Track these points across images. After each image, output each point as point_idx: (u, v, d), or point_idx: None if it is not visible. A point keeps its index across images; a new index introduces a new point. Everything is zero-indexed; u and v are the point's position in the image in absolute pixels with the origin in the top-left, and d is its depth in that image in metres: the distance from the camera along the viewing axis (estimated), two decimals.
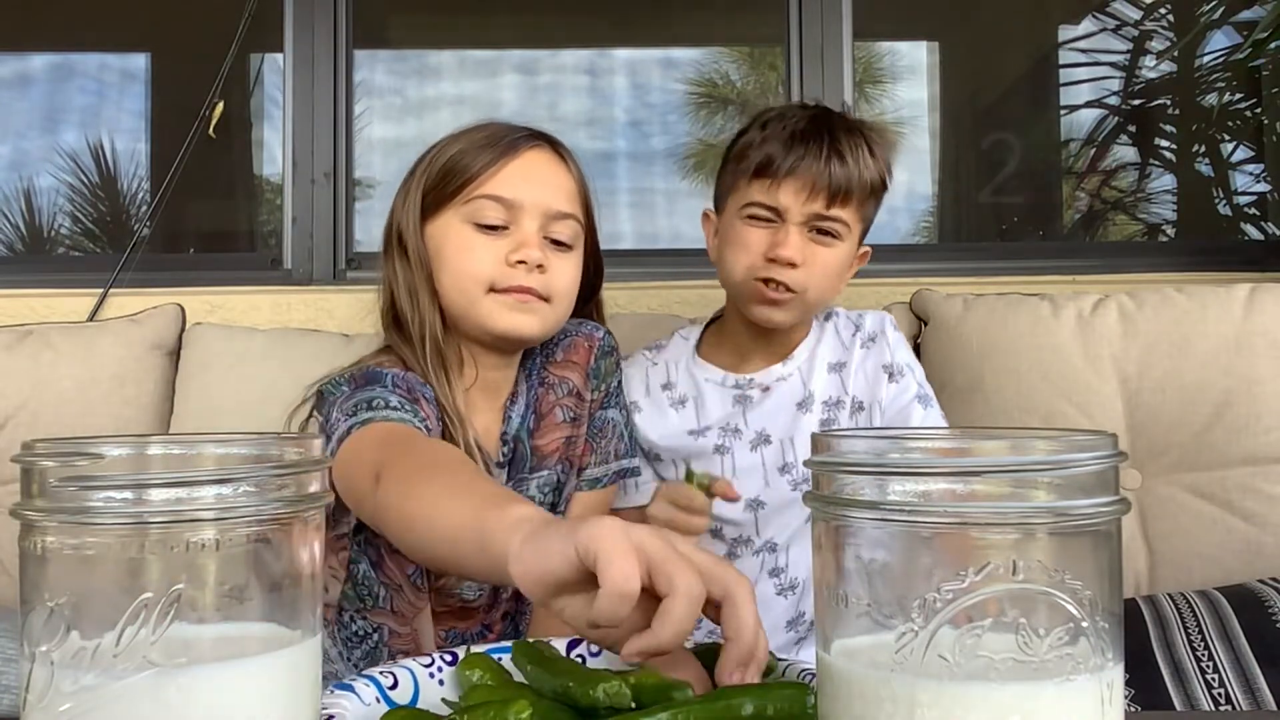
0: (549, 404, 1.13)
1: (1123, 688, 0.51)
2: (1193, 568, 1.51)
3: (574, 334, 1.17)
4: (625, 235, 2.36)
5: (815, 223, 1.21)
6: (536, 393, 1.14)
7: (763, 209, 1.21)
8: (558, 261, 1.06)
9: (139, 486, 0.48)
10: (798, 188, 1.19)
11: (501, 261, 1.03)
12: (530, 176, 1.05)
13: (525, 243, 1.03)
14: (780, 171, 1.19)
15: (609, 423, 1.19)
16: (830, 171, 1.18)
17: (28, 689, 0.48)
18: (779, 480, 1.31)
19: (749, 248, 1.22)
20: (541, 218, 1.04)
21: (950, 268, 2.01)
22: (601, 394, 1.18)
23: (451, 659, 0.70)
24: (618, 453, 1.20)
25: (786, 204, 1.20)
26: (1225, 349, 1.56)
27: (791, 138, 1.19)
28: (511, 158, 1.04)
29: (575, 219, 1.07)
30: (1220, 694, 1.18)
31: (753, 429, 1.31)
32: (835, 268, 1.25)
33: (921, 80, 2.51)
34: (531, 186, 1.04)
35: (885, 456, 0.52)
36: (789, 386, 1.32)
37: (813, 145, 1.18)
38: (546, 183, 1.06)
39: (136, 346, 1.71)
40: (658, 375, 1.36)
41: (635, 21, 2.41)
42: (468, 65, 2.40)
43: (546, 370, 1.15)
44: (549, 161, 1.07)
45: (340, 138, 2.08)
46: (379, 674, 0.66)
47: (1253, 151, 2.34)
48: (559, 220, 1.06)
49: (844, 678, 0.52)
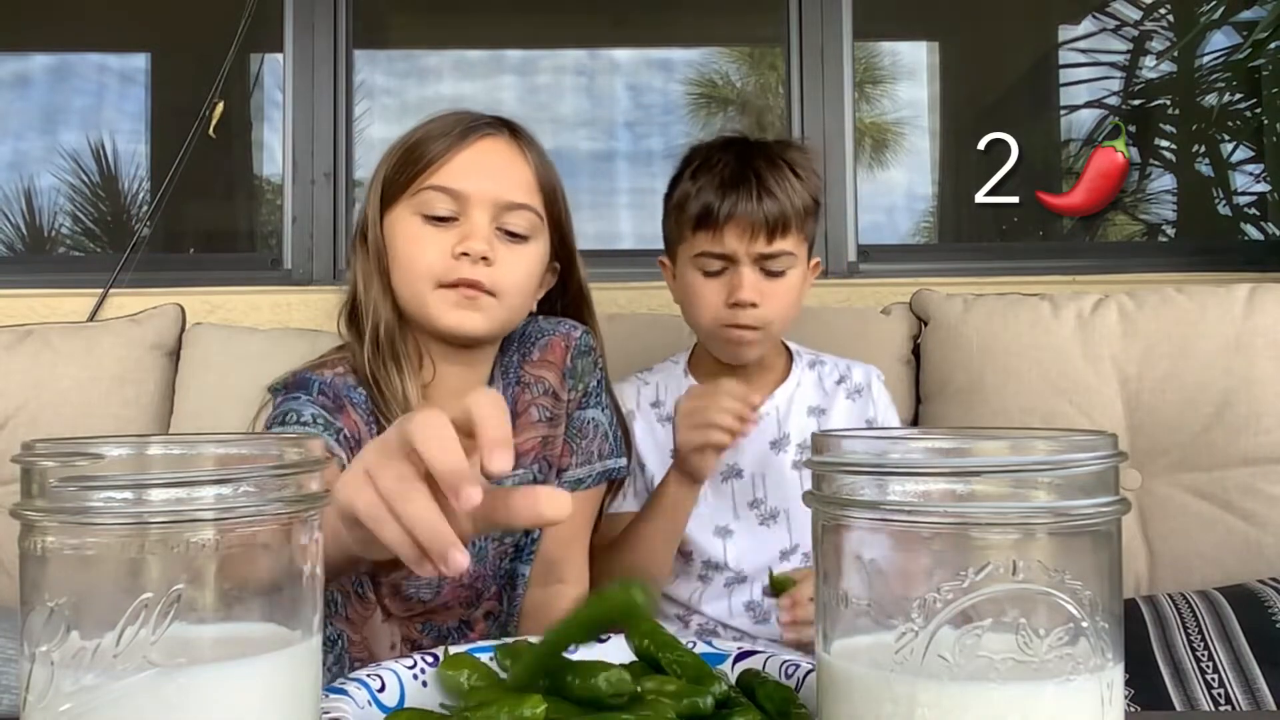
0: (525, 403, 1.10)
1: (1123, 688, 0.51)
2: (1193, 568, 1.51)
3: (551, 333, 1.13)
4: (625, 235, 2.36)
5: (763, 262, 1.25)
6: (512, 392, 1.10)
7: (712, 258, 1.25)
8: (508, 254, 1.02)
9: (139, 486, 0.48)
10: (739, 232, 1.23)
11: (447, 254, 1.00)
12: (481, 166, 1.01)
13: (471, 235, 0.99)
14: (719, 219, 1.23)
15: (590, 423, 1.14)
16: (764, 210, 1.22)
17: (28, 689, 0.48)
18: (748, 513, 1.35)
19: (709, 298, 1.26)
20: (492, 209, 1.01)
21: (950, 268, 2.01)
22: (580, 393, 1.14)
23: (433, 660, 0.71)
24: (601, 453, 1.15)
25: (733, 248, 1.24)
26: (1225, 349, 1.56)
27: (722, 185, 1.24)
28: (461, 148, 1.01)
29: (532, 210, 1.03)
30: (1220, 694, 1.18)
31: (724, 460, 1.33)
32: (792, 295, 1.29)
33: (921, 80, 2.50)
34: (482, 177, 1.01)
35: (885, 456, 0.52)
36: (765, 425, 1.34)
37: (743, 188, 1.23)
38: (499, 173, 1.02)
39: (136, 346, 1.71)
40: (648, 394, 1.40)
41: (635, 21, 2.41)
42: (468, 65, 2.40)
43: (523, 369, 1.11)
44: (504, 150, 1.03)
45: (340, 138, 2.08)
46: (367, 677, 0.66)
47: (1253, 151, 2.34)
48: (512, 211, 1.02)
49: (844, 678, 0.52)
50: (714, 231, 1.24)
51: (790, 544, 1.34)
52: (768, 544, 1.34)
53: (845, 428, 1.35)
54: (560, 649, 0.62)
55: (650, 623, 0.73)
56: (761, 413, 1.32)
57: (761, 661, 0.72)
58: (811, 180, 1.28)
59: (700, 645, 0.73)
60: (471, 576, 1.08)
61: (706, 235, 1.25)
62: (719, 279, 1.26)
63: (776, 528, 1.34)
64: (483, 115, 1.05)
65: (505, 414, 0.57)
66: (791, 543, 1.34)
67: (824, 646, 0.53)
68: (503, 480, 1.01)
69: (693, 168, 1.29)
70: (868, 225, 2.20)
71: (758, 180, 1.23)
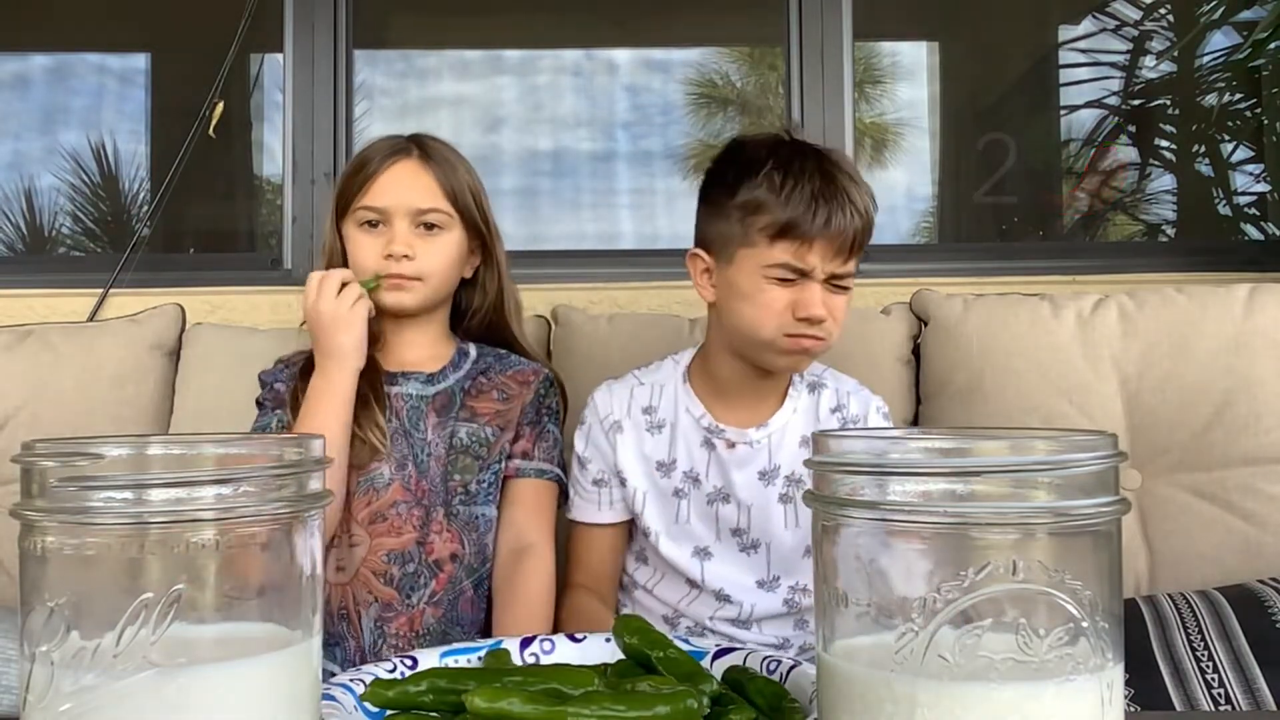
0: (490, 387, 1.38)
1: (1123, 688, 0.51)
2: (1193, 568, 1.51)
3: (525, 366, 1.41)
4: (625, 235, 2.36)
5: (832, 278, 1.23)
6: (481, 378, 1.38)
7: (788, 270, 1.22)
8: (426, 245, 1.32)
9: (139, 486, 0.48)
10: (827, 248, 1.21)
11: (379, 255, 1.32)
12: (395, 185, 1.33)
13: (394, 239, 1.31)
14: (811, 234, 1.20)
15: (552, 434, 1.39)
16: (852, 227, 1.21)
17: (28, 689, 0.48)
18: (730, 540, 1.32)
19: (776, 307, 1.23)
20: (409, 216, 1.32)
21: (950, 268, 2.01)
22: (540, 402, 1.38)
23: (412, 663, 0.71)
24: (553, 460, 1.38)
25: (814, 264, 1.21)
26: (1225, 349, 1.56)
27: (814, 197, 1.21)
28: (380, 172, 1.33)
29: (439, 210, 1.33)
30: (1220, 694, 1.18)
31: (712, 483, 1.32)
32: (847, 308, 1.28)
33: (921, 80, 2.50)
34: (396, 193, 1.32)
35: (885, 456, 0.52)
36: (756, 454, 1.31)
37: (835, 204, 1.21)
38: (409, 187, 1.33)
39: (136, 346, 1.71)
40: (641, 397, 1.37)
41: (635, 21, 2.41)
42: (467, 65, 2.40)
43: (496, 375, 1.39)
44: (412, 169, 1.34)
45: (340, 138, 2.08)
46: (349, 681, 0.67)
47: (1253, 151, 2.34)
48: (424, 214, 1.33)
49: (844, 678, 0.52)
50: (800, 244, 1.20)
51: (769, 575, 1.32)
52: (745, 572, 1.32)
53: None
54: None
55: (640, 620, 0.74)
56: (754, 440, 1.31)
57: (742, 658, 0.72)
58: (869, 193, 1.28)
59: (678, 643, 0.73)
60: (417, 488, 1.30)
61: (790, 246, 1.21)
62: (789, 288, 1.22)
63: (756, 558, 1.31)
64: (400, 141, 1.36)
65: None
66: (770, 574, 1.31)
67: (824, 646, 0.53)
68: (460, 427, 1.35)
69: (768, 173, 1.23)
70: None
71: (848, 198, 1.21)
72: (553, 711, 0.57)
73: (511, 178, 2.33)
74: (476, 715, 0.58)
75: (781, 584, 1.31)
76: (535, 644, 0.77)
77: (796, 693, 0.66)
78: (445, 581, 1.27)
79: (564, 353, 1.70)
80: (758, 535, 1.31)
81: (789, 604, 1.31)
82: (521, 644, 0.76)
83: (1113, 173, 2.44)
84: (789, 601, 1.31)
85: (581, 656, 0.75)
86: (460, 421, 1.34)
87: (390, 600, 1.26)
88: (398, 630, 1.26)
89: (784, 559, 1.31)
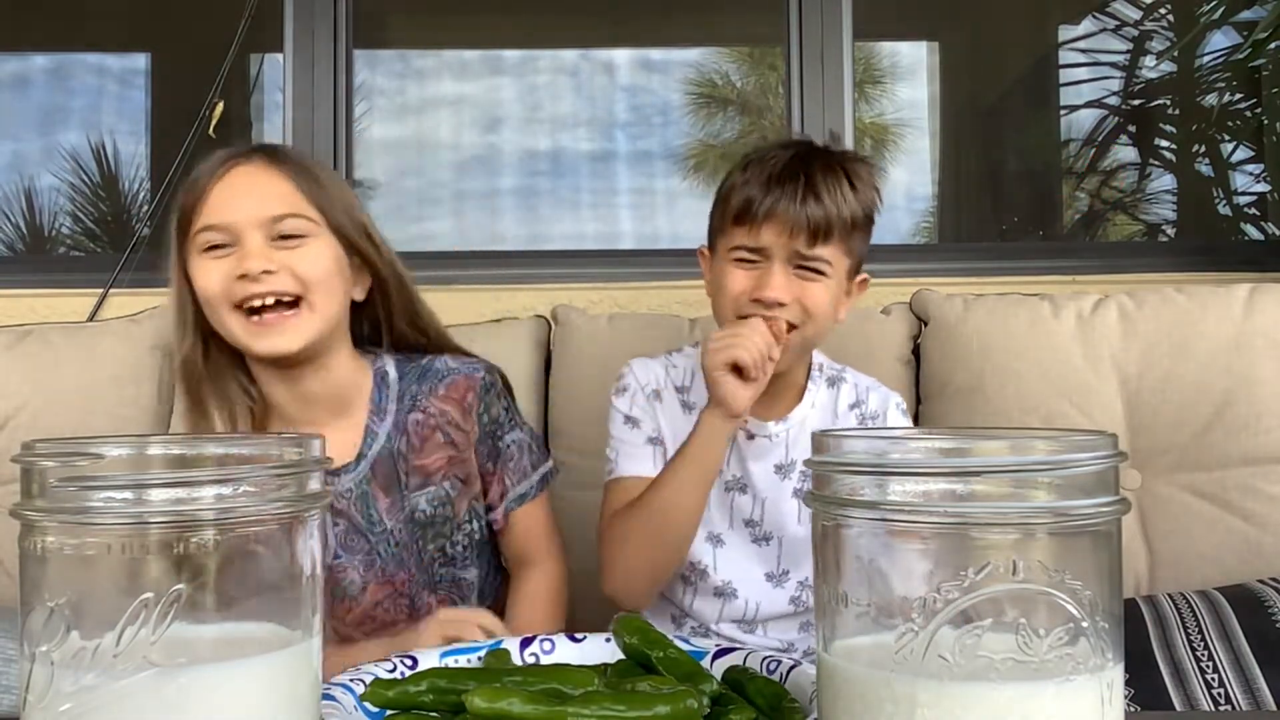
0: (429, 428, 1.19)
1: (1123, 688, 0.51)
2: (1193, 568, 1.51)
3: (456, 372, 1.22)
4: (625, 235, 2.36)
5: (799, 261, 1.22)
6: (413, 417, 1.19)
7: (747, 251, 1.23)
8: (290, 256, 1.09)
9: (139, 486, 0.48)
10: (777, 229, 1.20)
11: (230, 278, 1.08)
12: (237, 194, 1.10)
13: (246, 256, 1.07)
14: (759, 214, 1.20)
15: (514, 445, 1.26)
16: (807, 211, 1.19)
17: (28, 689, 0.48)
18: (742, 529, 1.32)
19: (734, 289, 1.23)
20: (261, 228, 1.09)
21: (950, 268, 2.00)
22: (487, 424, 1.23)
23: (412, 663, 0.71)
24: (534, 464, 1.28)
25: (768, 244, 1.21)
26: (1225, 349, 1.56)
27: (769, 180, 1.21)
28: (214, 181, 1.10)
29: (299, 215, 1.10)
30: (1220, 694, 1.18)
31: (731, 471, 1.31)
32: (823, 300, 1.24)
33: (921, 80, 2.51)
34: (240, 203, 1.09)
35: (885, 456, 0.52)
36: (774, 447, 1.31)
37: (789, 186, 1.20)
38: (256, 194, 1.10)
39: (136, 346, 1.71)
40: (675, 376, 1.36)
41: (635, 21, 2.41)
42: (467, 65, 2.40)
43: (428, 400, 1.20)
44: (257, 172, 1.11)
45: (340, 138, 2.08)
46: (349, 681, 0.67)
47: (1253, 151, 2.34)
48: (280, 221, 1.09)
49: (844, 678, 0.52)
50: (751, 226, 1.21)
51: (779, 569, 1.31)
52: (756, 564, 1.31)
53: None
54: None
55: (640, 620, 0.74)
56: (773, 434, 1.30)
57: (741, 658, 0.72)
58: (866, 193, 1.25)
59: (678, 643, 0.73)
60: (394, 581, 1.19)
61: (743, 230, 1.22)
62: (749, 271, 1.23)
63: (767, 550, 1.31)
64: (239, 148, 1.14)
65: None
66: (780, 568, 1.31)
67: (824, 646, 0.53)
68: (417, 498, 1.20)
69: (746, 162, 1.26)
70: None
71: (806, 180, 1.20)
72: (553, 711, 0.57)
73: (512, 178, 2.33)
74: (476, 715, 0.58)
75: (790, 579, 1.31)
76: (535, 644, 0.77)
77: (796, 693, 0.66)
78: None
79: (564, 353, 1.69)
80: (770, 528, 1.31)
81: (795, 602, 1.31)
82: (521, 644, 0.77)
83: (1113, 172, 2.44)
84: (795, 600, 1.31)
85: (581, 656, 0.75)
86: (413, 492, 1.19)
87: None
88: None
89: (794, 553, 1.30)
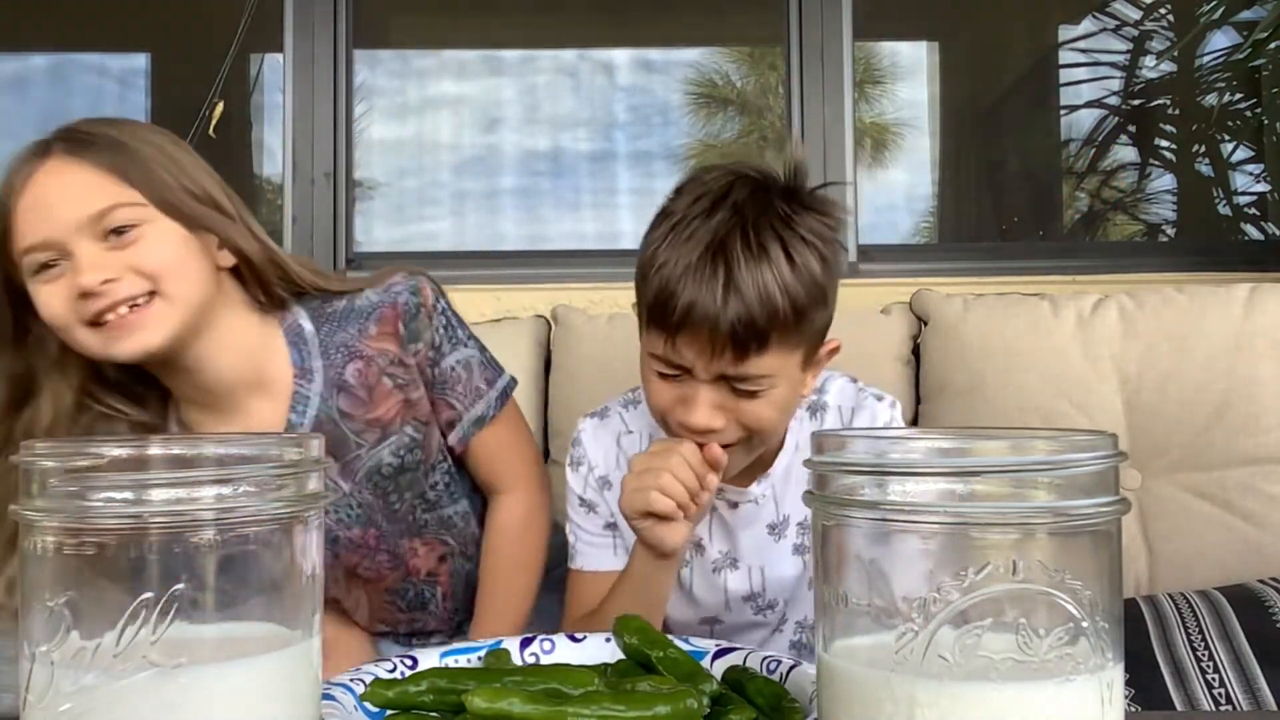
0: (374, 374, 1.09)
1: (1123, 688, 0.51)
2: (1193, 568, 1.51)
3: (380, 304, 1.10)
4: (625, 235, 2.36)
5: (730, 380, 0.96)
6: (354, 366, 1.08)
7: (665, 364, 0.97)
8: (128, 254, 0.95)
9: (139, 486, 0.48)
10: (697, 345, 0.94)
11: (71, 300, 0.94)
12: (41, 203, 0.94)
13: (78, 271, 0.93)
14: (673, 321, 0.94)
15: (458, 365, 1.13)
16: (729, 316, 0.92)
17: (28, 689, 0.48)
18: (742, 607, 1.16)
19: (658, 403, 1.01)
20: (86, 232, 0.94)
21: (950, 268, 2.01)
22: (426, 349, 1.11)
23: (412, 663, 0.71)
24: (488, 381, 1.15)
25: (689, 363, 0.95)
26: (1225, 349, 1.56)
27: (682, 276, 0.93)
28: (19, 200, 0.95)
29: (123, 204, 0.95)
30: (1220, 694, 1.18)
31: (717, 548, 1.14)
32: (770, 416, 1.00)
33: (921, 80, 2.51)
34: (49, 212, 0.94)
35: (885, 456, 0.52)
36: (761, 509, 1.13)
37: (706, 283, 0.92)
38: (69, 195, 0.94)
39: None
40: (630, 447, 1.14)
41: (635, 21, 2.41)
42: (468, 65, 2.40)
43: (362, 343, 1.09)
44: (62, 169, 0.95)
45: (340, 138, 2.08)
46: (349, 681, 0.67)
47: (1253, 151, 2.34)
48: (104, 217, 0.94)
49: (844, 678, 0.52)
50: (666, 336, 0.95)
51: (780, 622, 1.18)
52: (759, 629, 1.18)
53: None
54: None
55: (639, 621, 0.74)
56: (757, 496, 1.12)
57: (742, 658, 0.73)
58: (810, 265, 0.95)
59: (678, 643, 0.73)
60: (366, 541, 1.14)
61: (659, 336, 0.96)
62: (672, 385, 0.99)
63: (773, 616, 1.17)
64: (35, 144, 0.98)
65: None
66: (781, 620, 1.18)
67: (824, 646, 0.53)
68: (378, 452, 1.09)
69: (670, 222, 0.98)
70: (867, 225, 2.20)
71: (726, 271, 0.92)
72: (553, 711, 0.57)
73: (511, 178, 2.33)
74: (476, 715, 0.58)
75: (789, 622, 1.18)
76: (535, 644, 0.77)
77: (796, 693, 0.66)
78: (448, 578, 1.22)
79: (564, 353, 1.69)
80: (774, 595, 1.15)
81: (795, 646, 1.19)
82: (521, 644, 0.77)
83: (1113, 172, 2.44)
84: (795, 644, 1.19)
85: (581, 656, 0.75)
86: (373, 448, 1.09)
87: (414, 618, 1.25)
88: (437, 627, 1.27)
89: (801, 608, 1.16)
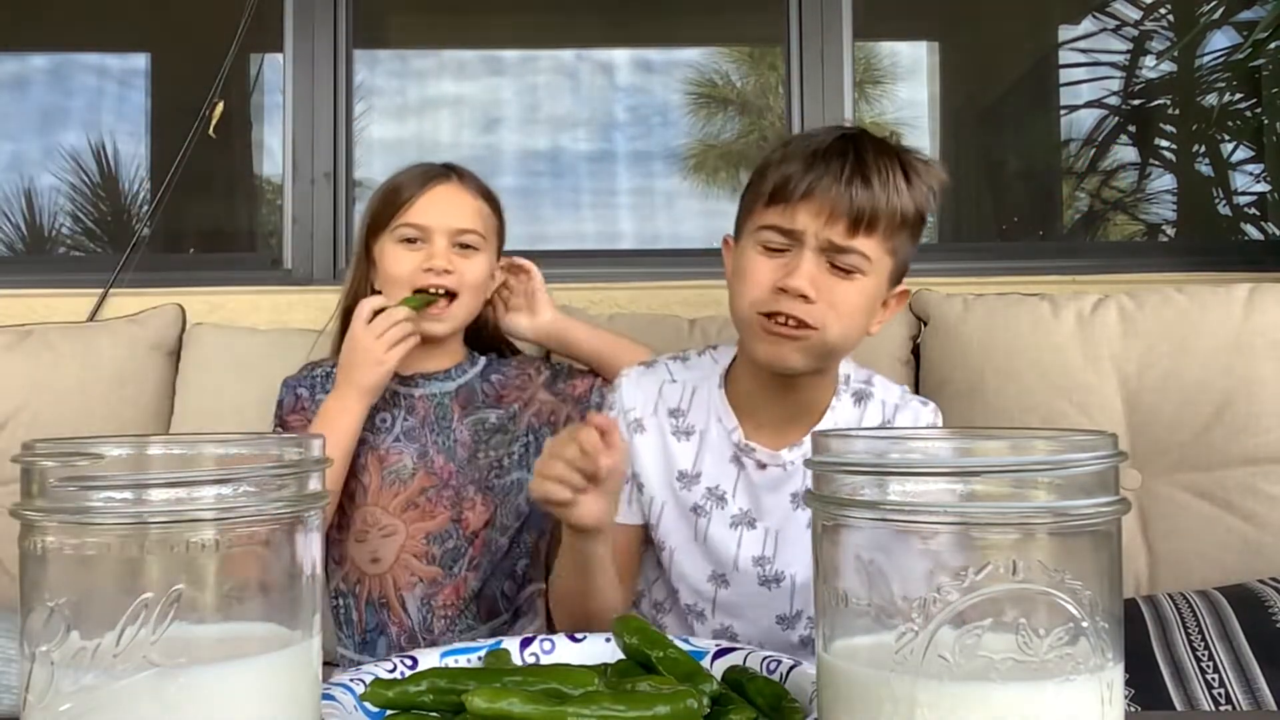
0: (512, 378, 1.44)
1: (1123, 688, 0.51)
2: (1193, 568, 1.51)
3: (579, 377, 1.45)
4: (625, 235, 2.36)
5: (833, 254, 1.07)
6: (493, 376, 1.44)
7: (777, 233, 1.08)
8: (464, 262, 1.38)
9: (139, 486, 0.48)
10: (815, 210, 1.06)
11: (418, 268, 1.36)
12: (436, 205, 1.38)
13: (433, 254, 1.36)
14: (796, 193, 1.06)
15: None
16: (852, 193, 1.05)
17: (28, 689, 0.48)
18: (750, 569, 1.18)
19: (757, 277, 1.09)
20: (448, 234, 1.37)
21: (950, 268, 2.00)
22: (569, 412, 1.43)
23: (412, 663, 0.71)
24: None
25: (803, 227, 1.07)
26: (1225, 349, 1.56)
27: (813, 156, 1.07)
28: (422, 193, 1.38)
29: (476, 232, 1.39)
30: (1220, 694, 1.18)
31: (739, 504, 1.18)
32: (856, 305, 1.09)
33: (921, 80, 2.51)
34: (437, 213, 1.38)
35: (885, 456, 0.52)
36: (790, 476, 1.17)
37: (834, 163, 1.06)
38: (451, 208, 1.39)
39: (136, 346, 1.71)
40: (671, 395, 1.21)
41: (635, 21, 2.41)
42: (467, 65, 2.40)
43: (555, 385, 1.44)
44: (454, 191, 1.40)
45: (340, 138, 2.08)
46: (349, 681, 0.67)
47: (1253, 151, 2.34)
48: (463, 234, 1.38)
49: (844, 678, 0.52)
50: (787, 205, 1.06)
51: (791, 610, 1.18)
52: (764, 606, 1.18)
53: None
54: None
55: (640, 620, 0.74)
56: (787, 462, 1.17)
57: (741, 658, 0.73)
58: (922, 190, 1.10)
59: (678, 643, 0.73)
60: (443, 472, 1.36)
61: (776, 210, 1.08)
62: (776, 259, 1.09)
63: (778, 591, 1.18)
64: (436, 167, 1.43)
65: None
66: (793, 609, 1.18)
67: (824, 646, 0.53)
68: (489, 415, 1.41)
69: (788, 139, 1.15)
70: None
71: (856, 159, 1.06)
72: (553, 711, 0.58)
73: (512, 178, 2.33)
74: (476, 715, 0.58)
75: (802, 619, 1.19)
76: (535, 644, 0.77)
77: (796, 693, 0.66)
78: (481, 547, 1.35)
79: None
80: (782, 566, 1.18)
81: (806, 642, 1.19)
82: (521, 644, 0.77)
83: (1113, 172, 2.44)
84: (805, 640, 1.19)
85: (581, 656, 0.75)
86: (487, 408, 1.41)
87: (435, 576, 1.33)
88: (445, 601, 1.33)
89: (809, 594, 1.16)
